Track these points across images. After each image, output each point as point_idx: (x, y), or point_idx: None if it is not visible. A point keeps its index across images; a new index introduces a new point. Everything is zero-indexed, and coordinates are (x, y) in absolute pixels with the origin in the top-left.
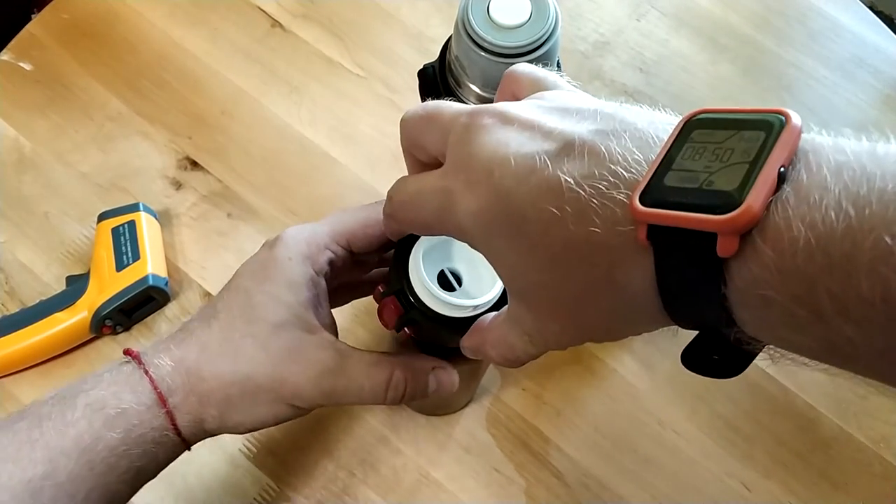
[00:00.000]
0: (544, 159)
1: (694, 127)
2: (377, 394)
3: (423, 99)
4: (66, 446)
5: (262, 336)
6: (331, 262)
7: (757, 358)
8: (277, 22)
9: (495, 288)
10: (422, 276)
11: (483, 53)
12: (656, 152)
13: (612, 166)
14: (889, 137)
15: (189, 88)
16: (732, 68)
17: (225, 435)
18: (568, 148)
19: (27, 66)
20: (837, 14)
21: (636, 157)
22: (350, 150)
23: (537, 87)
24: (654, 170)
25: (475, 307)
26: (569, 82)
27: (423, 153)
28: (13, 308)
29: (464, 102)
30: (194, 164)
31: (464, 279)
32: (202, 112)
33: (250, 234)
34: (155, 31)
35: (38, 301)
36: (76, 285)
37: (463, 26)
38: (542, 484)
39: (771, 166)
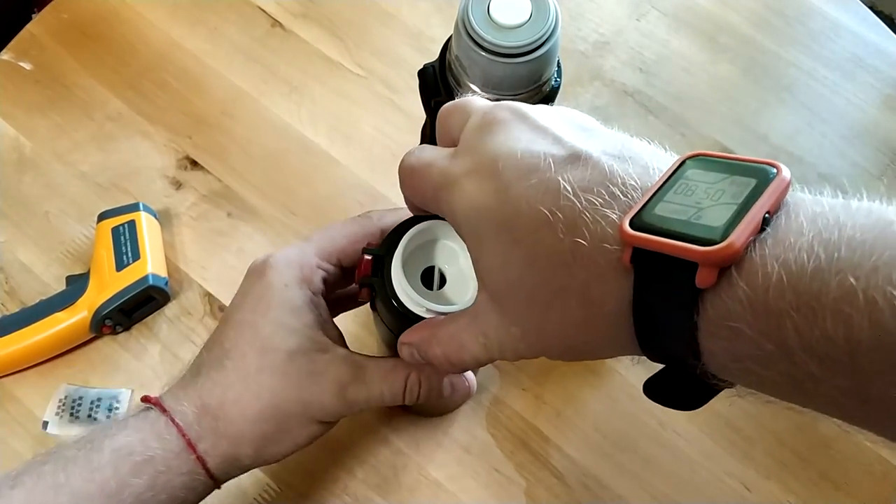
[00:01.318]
0: (549, 162)
1: (690, 166)
2: (396, 398)
3: (423, 99)
4: (92, 492)
5: (278, 365)
6: (324, 280)
7: (722, 392)
8: (277, 22)
9: (470, 295)
10: (400, 259)
11: (483, 53)
12: (653, 182)
13: (611, 186)
14: (863, 195)
15: (189, 88)
16: (732, 68)
17: None
18: (574, 158)
19: (27, 66)
20: (837, 14)
21: (634, 182)
22: (350, 150)
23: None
24: (648, 198)
25: (427, 310)
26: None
27: (446, 136)
28: (13, 308)
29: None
30: (194, 164)
31: (448, 279)
32: (202, 112)
33: (250, 234)
34: (155, 31)
35: (38, 301)
36: (76, 285)
37: (463, 26)
38: (542, 484)
39: (758, 210)
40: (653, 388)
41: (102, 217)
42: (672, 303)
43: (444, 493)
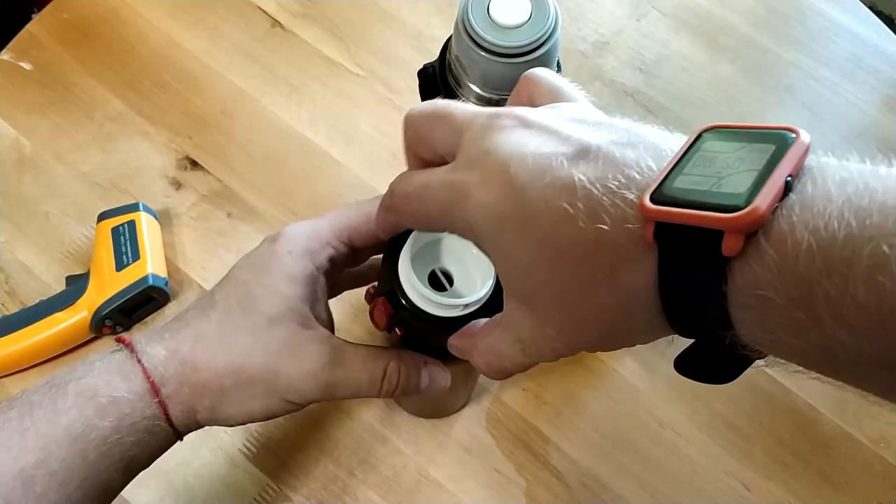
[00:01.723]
0: (560, 160)
1: (707, 139)
2: (374, 386)
3: (424, 99)
4: (58, 435)
5: (258, 329)
6: (331, 259)
7: (753, 361)
8: (277, 22)
9: (486, 287)
10: (411, 276)
11: (483, 53)
12: (668, 160)
13: (626, 170)
14: (891, 160)
15: (189, 88)
16: (732, 68)
17: (225, 435)
18: (584, 152)
19: (27, 66)
20: (837, 14)
21: (649, 163)
22: (350, 150)
23: (556, 95)
24: (666, 173)
25: (465, 306)
26: (585, 96)
27: (428, 151)
28: (13, 308)
29: (464, 102)
30: (194, 164)
31: (455, 279)
32: (202, 112)
33: (250, 234)
34: (155, 31)
35: (38, 301)
36: (76, 285)
37: (463, 26)
38: (542, 484)
39: (779, 174)
40: (684, 364)
41: (102, 217)
42: (699, 274)
43: (444, 493)
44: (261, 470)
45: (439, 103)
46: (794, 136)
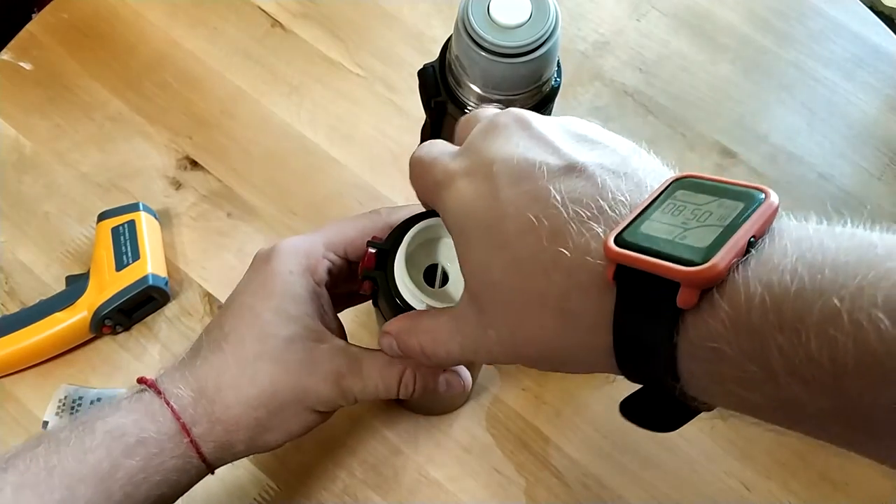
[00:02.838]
0: (543, 170)
1: (679, 187)
2: (391, 391)
3: (423, 99)
4: (84, 474)
5: (275, 352)
6: (329, 272)
7: (699, 412)
8: (277, 22)
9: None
10: (404, 254)
11: (483, 53)
12: (644, 199)
13: (601, 200)
14: (847, 221)
15: (189, 88)
16: (732, 68)
17: None
18: (569, 169)
19: (27, 66)
20: (837, 14)
21: (624, 198)
22: (350, 150)
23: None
24: (635, 215)
25: (427, 306)
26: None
27: (461, 142)
28: (13, 308)
29: (464, 102)
30: (194, 164)
31: (448, 282)
32: (202, 112)
33: (250, 234)
34: (155, 31)
35: (38, 301)
36: (76, 285)
37: (463, 26)
38: (542, 484)
39: (743, 233)
40: (629, 408)
41: (102, 217)
42: (653, 322)
43: (444, 493)
44: (261, 470)
45: (485, 108)
46: (763, 196)
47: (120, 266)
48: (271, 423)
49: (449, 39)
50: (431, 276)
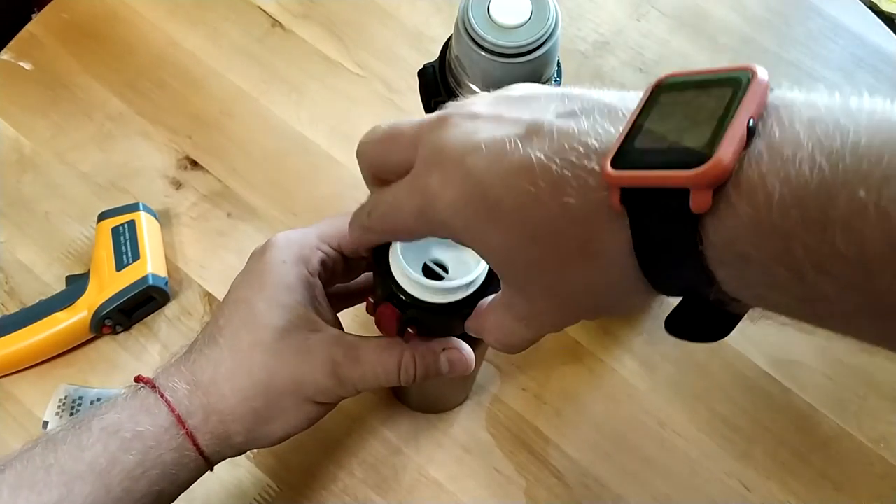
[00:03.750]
0: (514, 142)
1: (662, 91)
2: (391, 377)
3: (423, 99)
4: (82, 470)
5: (269, 342)
6: (323, 263)
7: (742, 316)
8: (277, 22)
9: (481, 263)
10: (407, 272)
11: (483, 53)
12: (625, 122)
13: (583, 139)
14: (863, 92)
15: (189, 88)
16: None
17: None
18: (536, 129)
19: (27, 66)
20: (837, 14)
21: (606, 128)
22: (350, 150)
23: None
24: (624, 135)
25: (468, 285)
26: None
27: (390, 172)
28: (13, 308)
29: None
30: (194, 164)
31: (449, 266)
32: (202, 112)
33: (250, 234)
34: (155, 31)
35: (38, 301)
36: (76, 285)
37: (463, 26)
38: (542, 484)
39: (739, 120)
40: (674, 324)
41: (102, 217)
42: (671, 236)
43: (443, 493)
44: (261, 470)
45: (384, 126)
46: (749, 75)
47: (120, 266)
48: (269, 414)
49: (449, 39)
50: (428, 273)
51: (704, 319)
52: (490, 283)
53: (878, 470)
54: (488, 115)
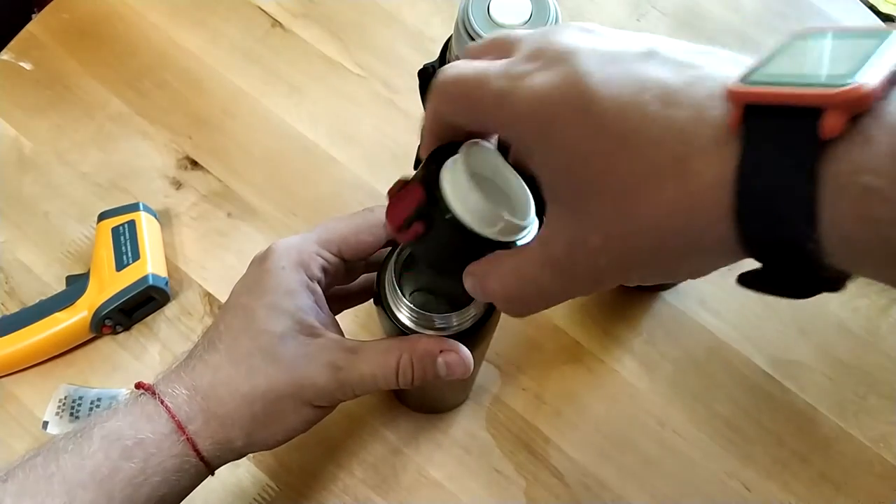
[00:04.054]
0: (631, 54)
1: (799, 38)
2: (389, 379)
3: (423, 99)
4: (84, 479)
5: (269, 347)
6: (324, 269)
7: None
8: (277, 22)
9: (532, 219)
10: (459, 180)
11: None
12: (751, 65)
13: (701, 68)
14: None
15: (189, 88)
16: None
17: None
18: (653, 53)
19: (27, 66)
20: (837, 14)
21: (728, 62)
22: (350, 150)
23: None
24: (755, 64)
25: (516, 227)
26: None
27: (469, 119)
28: (13, 308)
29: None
30: (194, 164)
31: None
32: (202, 112)
33: (250, 234)
34: (155, 31)
35: (38, 301)
36: (76, 285)
37: (463, 26)
38: (542, 484)
39: (888, 58)
40: (751, 281)
41: (102, 217)
42: (789, 159)
43: (443, 492)
44: (261, 470)
45: (475, 67)
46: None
47: (120, 266)
48: (268, 419)
49: (449, 39)
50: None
51: (787, 280)
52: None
53: (878, 470)
54: (603, 33)
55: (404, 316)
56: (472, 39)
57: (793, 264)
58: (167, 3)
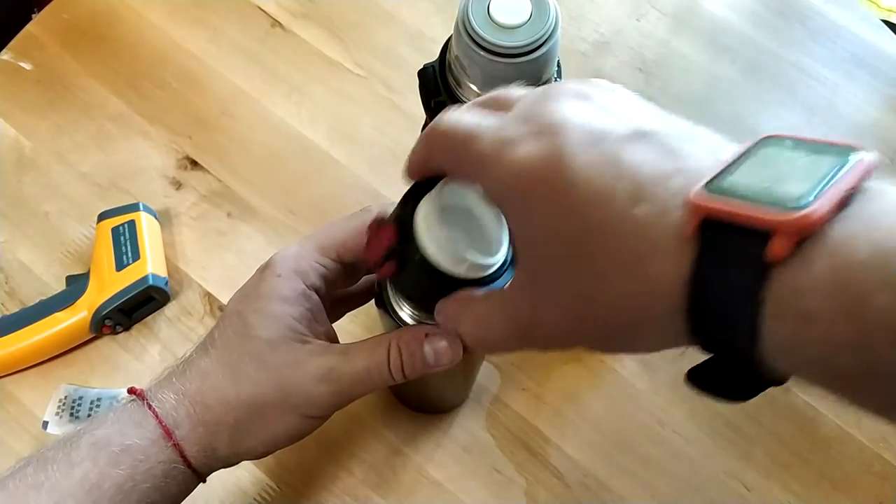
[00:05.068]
0: (616, 136)
1: (765, 145)
2: (383, 372)
3: (423, 99)
4: (72, 487)
5: (259, 353)
6: (323, 277)
7: (773, 384)
8: (277, 22)
9: (502, 251)
10: (430, 219)
11: (483, 53)
12: (722, 159)
13: (677, 161)
14: None
15: (189, 88)
16: (732, 68)
17: None
18: (640, 135)
19: (27, 66)
20: (837, 14)
21: (700, 160)
22: (350, 150)
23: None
24: (720, 169)
25: (478, 266)
26: None
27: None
28: (13, 308)
29: (464, 102)
30: (194, 164)
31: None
32: (202, 112)
33: (250, 234)
34: (155, 31)
35: (38, 301)
36: (76, 285)
37: (463, 26)
38: (542, 484)
39: (843, 184)
40: (698, 377)
41: (102, 217)
42: (738, 277)
43: (443, 492)
44: (261, 470)
45: (472, 118)
46: (859, 151)
47: (120, 266)
48: (252, 425)
49: (449, 39)
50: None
51: (733, 379)
52: (491, 282)
53: (878, 470)
54: (599, 104)
55: (406, 315)
56: (472, 39)
57: (738, 365)
58: (167, 3)
